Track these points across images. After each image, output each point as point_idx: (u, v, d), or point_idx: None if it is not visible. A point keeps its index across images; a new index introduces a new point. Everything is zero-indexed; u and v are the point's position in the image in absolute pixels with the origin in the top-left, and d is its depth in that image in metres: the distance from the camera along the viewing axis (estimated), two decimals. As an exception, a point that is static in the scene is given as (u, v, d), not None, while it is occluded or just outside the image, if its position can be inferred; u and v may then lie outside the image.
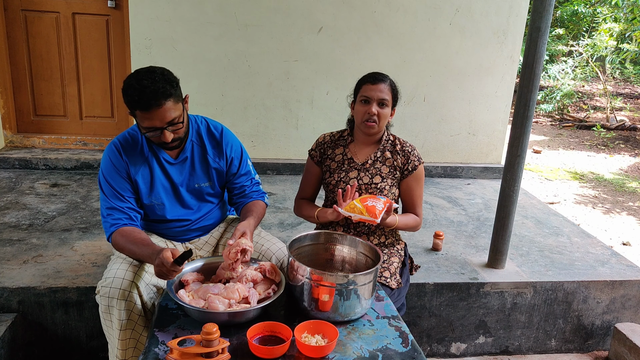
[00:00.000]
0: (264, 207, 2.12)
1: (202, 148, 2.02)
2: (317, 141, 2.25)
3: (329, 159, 2.21)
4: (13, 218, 3.05)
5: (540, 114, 9.51)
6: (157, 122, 1.76)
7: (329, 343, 1.52)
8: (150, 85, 1.71)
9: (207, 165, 2.03)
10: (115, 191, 1.90)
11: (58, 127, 4.27)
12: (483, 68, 4.40)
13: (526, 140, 2.60)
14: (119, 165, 1.91)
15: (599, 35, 8.65)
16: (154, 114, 1.74)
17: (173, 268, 1.63)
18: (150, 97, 1.71)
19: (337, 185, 2.16)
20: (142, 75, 1.75)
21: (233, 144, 2.08)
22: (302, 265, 1.66)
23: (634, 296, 2.85)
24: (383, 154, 2.17)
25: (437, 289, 2.64)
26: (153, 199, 1.98)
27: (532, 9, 2.49)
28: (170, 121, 1.77)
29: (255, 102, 4.21)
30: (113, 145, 1.94)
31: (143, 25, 3.90)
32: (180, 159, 1.99)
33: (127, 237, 1.85)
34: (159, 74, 1.76)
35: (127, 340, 1.80)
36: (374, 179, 2.13)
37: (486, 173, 4.62)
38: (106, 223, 1.90)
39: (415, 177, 2.16)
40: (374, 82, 2.06)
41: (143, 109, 1.73)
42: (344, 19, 4.11)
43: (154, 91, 1.71)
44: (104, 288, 1.77)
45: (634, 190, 5.76)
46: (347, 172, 2.16)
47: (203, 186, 2.05)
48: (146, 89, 1.71)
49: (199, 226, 2.11)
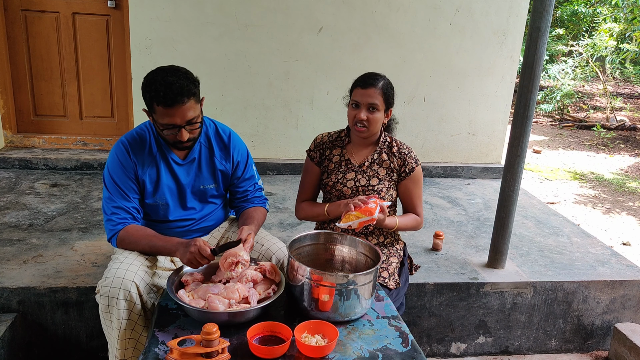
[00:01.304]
0: (264, 213, 2.14)
1: (209, 150, 2.03)
2: (315, 141, 2.24)
3: (327, 160, 2.20)
4: (13, 218, 3.05)
5: (540, 114, 9.52)
6: (178, 119, 1.77)
7: (329, 343, 1.52)
8: (176, 81, 1.73)
9: (214, 167, 2.04)
10: (121, 190, 1.90)
11: (58, 127, 4.27)
12: (483, 68, 4.40)
13: (526, 140, 2.60)
14: (127, 165, 1.90)
15: (599, 35, 8.65)
16: (176, 111, 1.75)
17: (209, 257, 1.71)
18: (177, 93, 1.72)
19: (334, 187, 2.15)
20: (167, 72, 1.77)
21: (240, 148, 2.09)
22: (302, 265, 1.66)
23: (634, 296, 2.85)
24: (380, 155, 2.16)
25: (437, 289, 2.64)
26: (158, 199, 1.98)
27: (532, 9, 2.49)
28: (189, 120, 1.79)
29: (255, 102, 4.21)
30: (121, 144, 1.93)
31: (143, 25, 3.90)
32: (189, 160, 1.99)
33: (140, 232, 1.87)
34: (183, 72, 1.79)
35: (127, 340, 1.80)
36: (371, 181, 2.13)
37: (486, 173, 4.62)
38: (110, 222, 1.89)
39: (412, 179, 2.15)
40: (364, 87, 2.04)
41: (167, 105, 1.74)
42: (344, 19, 4.11)
43: (180, 87, 1.73)
44: (104, 288, 1.77)
45: (634, 190, 5.76)
46: (344, 173, 2.15)
47: (208, 188, 2.05)
48: (172, 85, 1.72)
49: (200, 227, 2.11)
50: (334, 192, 2.16)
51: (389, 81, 2.10)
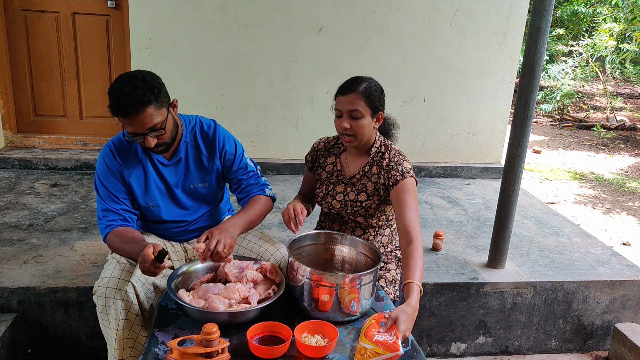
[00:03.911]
0: (261, 201, 2.03)
1: (196, 149, 2.01)
2: (313, 146, 2.18)
3: (320, 168, 2.13)
4: (13, 218, 3.05)
5: (540, 114, 9.51)
6: (138, 128, 1.75)
7: (329, 343, 1.52)
8: (130, 92, 1.70)
9: (202, 166, 2.02)
10: (110, 193, 1.91)
11: (58, 127, 4.27)
12: (483, 68, 4.40)
13: (526, 140, 2.59)
14: (113, 167, 1.92)
15: (599, 35, 8.65)
16: (133, 121, 1.74)
17: (154, 265, 1.63)
18: (128, 104, 1.70)
19: (324, 199, 2.06)
20: (123, 82, 1.74)
21: (225, 140, 2.04)
22: (302, 265, 1.66)
23: (634, 296, 2.85)
24: (371, 168, 2.00)
25: (437, 289, 2.64)
26: (148, 201, 1.98)
27: (532, 9, 2.49)
28: (151, 127, 1.76)
29: (255, 102, 4.21)
30: (107, 147, 1.94)
31: (143, 25, 3.90)
32: (174, 161, 1.98)
33: (120, 236, 1.85)
34: (140, 80, 1.74)
35: (125, 340, 1.80)
36: (359, 196, 2.00)
37: (486, 173, 4.62)
38: (101, 225, 1.91)
39: (400, 190, 1.89)
40: (343, 93, 1.89)
41: (122, 115, 1.74)
42: (344, 19, 4.11)
43: (132, 98, 1.70)
44: (100, 288, 1.77)
45: (634, 190, 5.76)
46: (334, 185, 2.06)
47: (199, 187, 2.04)
48: (124, 96, 1.70)
49: (196, 227, 2.11)
50: (324, 204, 2.07)
51: (373, 83, 1.93)
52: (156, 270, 1.65)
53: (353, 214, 2.02)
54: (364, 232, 2.08)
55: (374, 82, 1.95)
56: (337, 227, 2.12)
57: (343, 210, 2.03)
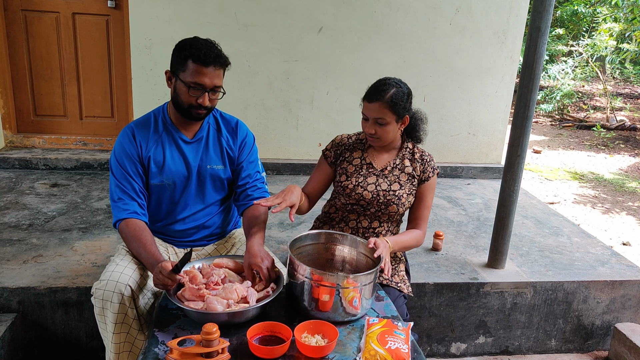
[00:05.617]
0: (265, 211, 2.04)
1: (217, 130, 2.06)
2: (334, 141, 2.19)
3: (346, 162, 2.15)
4: (13, 218, 3.05)
5: (540, 114, 9.52)
6: (208, 80, 1.83)
7: (329, 343, 1.52)
8: (216, 47, 1.87)
9: (221, 147, 2.05)
10: (125, 172, 1.91)
11: (58, 127, 4.27)
12: (483, 68, 4.40)
13: (526, 140, 2.60)
14: (129, 149, 1.93)
15: (599, 35, 8.65)
16: (209, 71, 1.83)
17: (170, 277, 1.63)
18: (216, 55, 1.83)
19: (354, 190, 2.09)
20: (208, 40, 1.89)
21: (247, 133, 2.14)
22: (302, 265, 1.66)
23: (634, 296, 2.85)
24: (402, 161, 2.11)
25: (437, 289, 2.64)
26: (164, 178, 1.97)
27: (532, 9, 2.49)
28: (215, 87, 1.87)
29: (255, 102, 4.21)
30: (127, 129, 1.97)
31: (143, 25, 3.90)
32: (197, 138, 2.01)
33: (134, 232, 1.84)
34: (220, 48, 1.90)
35: (122, 344, 1.79)
36: (392, 186, 2.08)
37: (486, 173, 4.62)
38: (117, 208, 1.90)
39: (428, 187, 2.11)
40: (370, 101, 1.96)
41: (203, 63, 1.81)
42: (344, 19, 4.11)
43: (219, 52, 1.86)
44: (98, 290, 1.76)
45: (633, 190, 5.76)
46: (365, 177, 2.10)
47: (215, 168, 2.03)
48: (214, 48, 1.85)
49: (201, 222, 2.07)
50: (354, 195, 2.09)
51: (400, 88, 1.97)
52: (172, 282, 1.65)
53: (385, 202, 2.06)
54: (379, 225, 2.12)
55: (400, 87, 1.98)
56: (354, 217, 2.13)
57: (375, 200, 2.07)
